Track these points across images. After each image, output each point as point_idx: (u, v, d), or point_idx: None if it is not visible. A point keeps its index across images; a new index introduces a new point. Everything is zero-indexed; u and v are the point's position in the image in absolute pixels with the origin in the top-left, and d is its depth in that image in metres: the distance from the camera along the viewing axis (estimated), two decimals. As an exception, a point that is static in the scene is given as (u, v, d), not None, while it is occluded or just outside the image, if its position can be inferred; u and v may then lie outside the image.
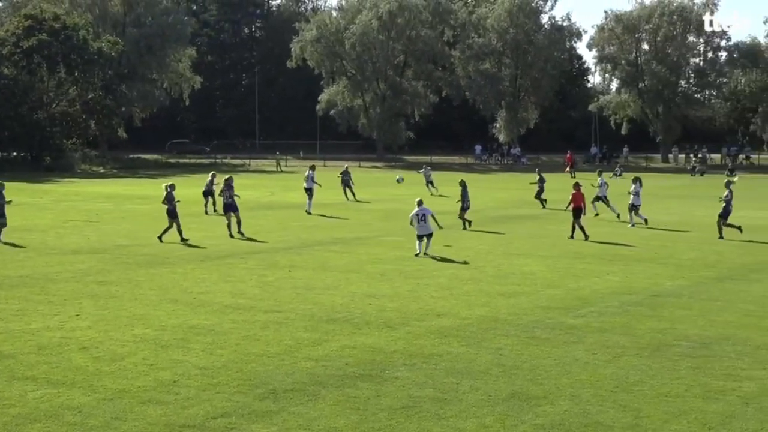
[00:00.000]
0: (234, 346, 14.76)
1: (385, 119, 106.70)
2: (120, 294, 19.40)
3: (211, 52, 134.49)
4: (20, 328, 16.04)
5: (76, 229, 31.99)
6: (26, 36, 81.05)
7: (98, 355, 14.19)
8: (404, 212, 38.19)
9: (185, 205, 42.52)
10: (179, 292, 19.71)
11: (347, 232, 31.95)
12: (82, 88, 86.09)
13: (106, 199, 47.67)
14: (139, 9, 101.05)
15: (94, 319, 16.81)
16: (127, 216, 37.87)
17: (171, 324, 16.43)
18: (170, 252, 26.24)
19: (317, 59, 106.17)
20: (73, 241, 28.58)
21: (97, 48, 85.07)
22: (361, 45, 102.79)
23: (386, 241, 29.52)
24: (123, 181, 66.43)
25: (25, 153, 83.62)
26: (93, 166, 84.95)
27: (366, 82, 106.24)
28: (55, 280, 21.09)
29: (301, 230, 32.42)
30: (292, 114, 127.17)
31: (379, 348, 14.73)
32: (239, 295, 19.28)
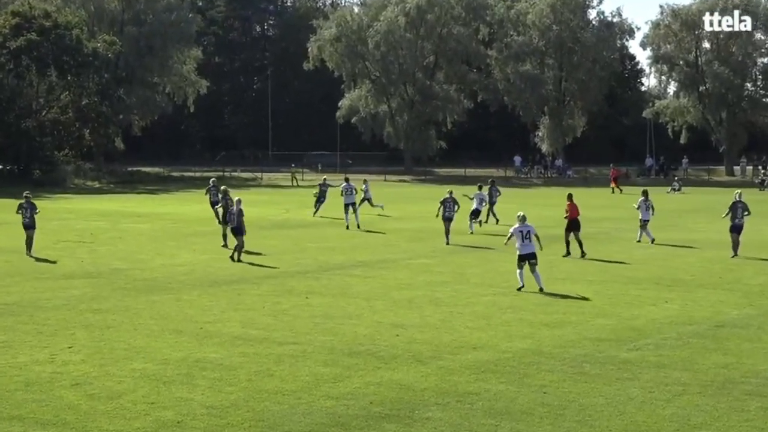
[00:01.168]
0: (245, 383, 14.75)
1: (414, 127, 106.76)
2: (117, 324, 19.45)
3: (219, 52, 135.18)
4: (6, 361, 16.10)
5: (68, 251, 32.14)
6: (13, 35, 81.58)
7: (93, 393, 14.21)
8: (434, 231, 38.19)
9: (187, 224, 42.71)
10: (183, 321, 19.73)
11: (370, 254, 31.93)
12: (76, 94, 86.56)
13: (102, 216, 47.88)
14: (139, 5, 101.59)
15: (89, 352, 16.84)
16: (125, 236, 38.00)
17: (174, 357, 16.44)
18: (173, 276, 26.31)
19: (337, 60, 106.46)
20: (64, 264, 28.70)
21: (92, 49, 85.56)
22: (386, 44, 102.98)
23: (414, 264, 29.47)
24: (120, 197, 66.72)
25: (11, 165, 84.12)
26: (87, 180, 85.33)
27: (392, 85, 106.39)
28: (45, 308, 21.17)
29: (319, 252, 32.43)
30: (309, 122, 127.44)
31: (407, 385, 14.68)
32: (250, 325, 19.28)
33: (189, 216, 47.02)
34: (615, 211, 49.99)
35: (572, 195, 33.16)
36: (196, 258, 30.18)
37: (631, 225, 39.22)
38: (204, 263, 29.11)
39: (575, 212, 32.02)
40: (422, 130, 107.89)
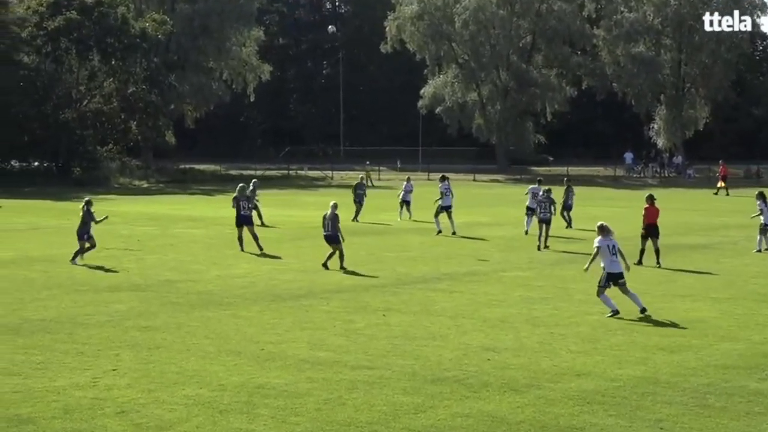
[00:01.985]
0: (313, 413, 14.81)
1: (508, 118, 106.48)
2: (167, 343, 19.64)
3: (284, 33, 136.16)
4: (43, 385, 16.34)
5: (112, 260, 32.51)
6: (51, 14, 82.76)
7: (140, 422, 14.36)
8: (531, 239, 38.05)
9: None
10: (242, 341, 19.87)
11: (457, 266, 31.88)
12: (121, 81, 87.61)
13: (150, 221, 48.40)
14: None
15: (135, 376, 17.03)
16: (177, 243, 38.37)
17: (232, 383, 16.56)
18: (230, 290, 26.50)
19: (419, 42, 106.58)
20: (108, 275, 29.04)
21: (140, 29, 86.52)
22: (475, 23, 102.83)
23: (508, 277, 29.37)
24: (171, 199, 67.39)
25: (49, 162, 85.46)
26: (134, 179, 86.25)
27: (482, 70, 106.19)
28: (86, 325, 21.45)
29: (399, 263, 32.45)
30: (386, 112, 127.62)
31: (500, 417, 14.63)
32: (319, 347, 19.35)
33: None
34: (740, 217, 49.33)
35: (653, 196, 33.45)
36: (257, 269, 30.37)
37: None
38: (266, 275, 29.27)
39: (654, 216, 32.31)
40: (517, 121, 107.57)
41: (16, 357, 18.33)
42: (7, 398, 15.51)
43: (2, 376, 16.88)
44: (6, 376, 16.92)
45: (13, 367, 17.52)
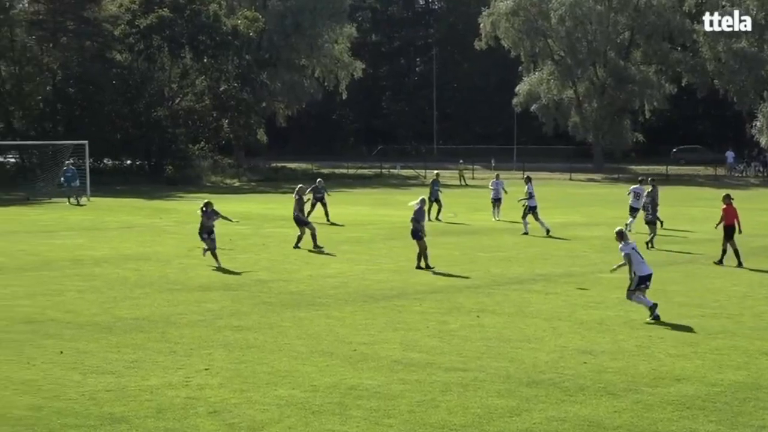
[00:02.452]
0: (405, 415, 14.83)
1: (605, 116, 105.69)
2: (260, 343, 19.80)
3: (376, 30, 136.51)
4: (135, 384, 16.57)
5: (204, 259, 32.81)
6: (143, 12, 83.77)
7: (232, 422, 14.50)
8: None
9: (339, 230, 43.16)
10: (335, 342, 19.96)
11: (553, 266, 31.74)
12: (213, 78, 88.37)
13: (242, 220, 48.72)
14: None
15: (228, 375, 17.20)
16: (269, 242, 38.65)
17: (324, 384, 16.65)
18: (322, 290, 26.64)
19: (514, 38, 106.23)
20: (200, 275, 29.33)
21: (232, 27, 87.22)
22: (572, 18, 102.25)
23: (605, 278, 29.14)
24: (263, 197, 67.83)
25: (141, 161, 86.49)
26: (225, 177, 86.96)
27: (579, 67, 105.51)
28: (179, 324, 21.71)
29: (493, 263, 32.39)
30: (481, 110, 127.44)
31: (597, 421, 14.55)
32: (412, 348, 19.38)
33: (341, 220, 47.51)
34: None
35: (730, 196, 32.95)
36: (350, 269, 30.49)
37: None
38: (358, 275, 29.37)
39: (732, 217, 31.88)
40: (615, 119, 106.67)
41: (109, 355, 18.61)
42: (100, 396, 15.75)
43: (96, 375, 17.15)
44: (100, 374, 17.19)
45: (106, 366, 17.80)
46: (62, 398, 15.67)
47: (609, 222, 46.96)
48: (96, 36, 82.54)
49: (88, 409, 15.10)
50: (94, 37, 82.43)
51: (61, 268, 30.84)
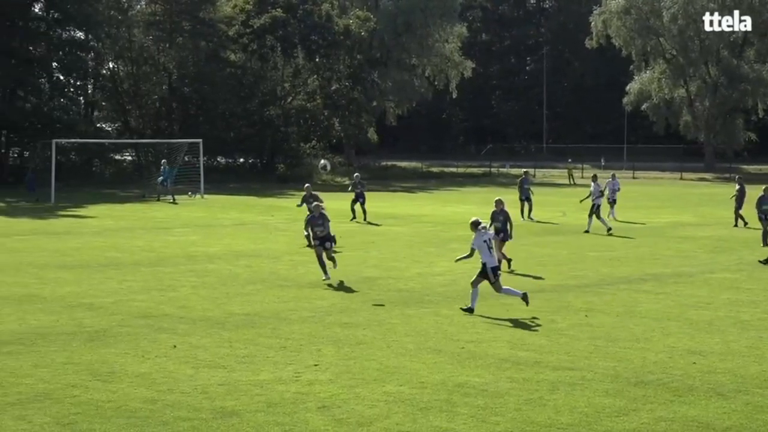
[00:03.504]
0: (513, 413, 14.79)
1: (717, 116, 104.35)
2: (368, 340, 19.88)
3: (487, 29, 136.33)
4: (247, 379, 16.74)
5: (314, 257, 32.96)
6: (257, 13, 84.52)
7: (341, 417, 14.57)
8: (740, 240, 37.22)
9: (448, 228, 43.13)
10: (443, 339, 19.97)
11: (662, 267, 31.41)
12: (324, 78, 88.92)
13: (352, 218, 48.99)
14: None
15: (337, 371, 17.29)
16: (378, 240, 38.77)
17: (432, 381, 16.66)
18: (431, 288, 26.68)
19: (625, 37, 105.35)
20: (310, 271, 29.49)
21: (344, 26, 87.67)
22: (684, 17, 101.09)
23: (715, 279, 28.81)
24: (372, 196, 67.95)
25: (253, 159, 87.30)
26: (336, 175, 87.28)
27: (691, 66, 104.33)
28: (289, 320, 21.88)
29: (602, 263, 32.16)
30: (591, 109, 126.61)
31: (706, 422, 14.37)
32: (520, 346, 19.32)
33: (450, 218, 47.51)
34: None
35: None
36: (458, 267, 30.46)
37: None
38: (467, 273, 29.29)
39: None
40: (727, 118, 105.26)
41: (221, 350, 18.82)
42: (212, 390, 15.94)
43: (208, 369, 17.36)
44: (212, 368, 17.40)
45: (218, 360, 18.00)
46: (175, 391, 15.89)
47: (720, 222, 46.47)
48: (211, 36, 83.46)
49: (201, 402, 15.30)
50: (209, 38, 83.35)
51: (175, 264, 31.28)
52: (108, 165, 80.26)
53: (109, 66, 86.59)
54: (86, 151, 76.78)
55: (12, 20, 73.28)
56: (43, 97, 76.83)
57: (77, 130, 74.53)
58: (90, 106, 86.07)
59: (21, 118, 74.35)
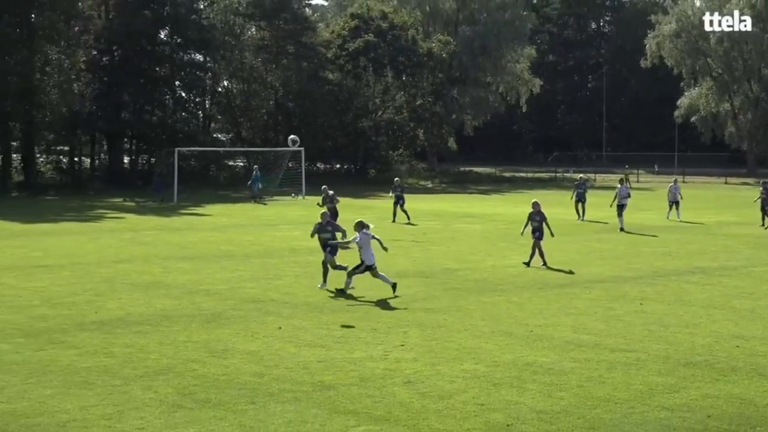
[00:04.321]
0: (576, 389, 14.69)
1: (759, 126, 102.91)
2: (448, 323, 19.86)
3: (553, 50, 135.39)
4: (342, 356, 16.81)
5: (401, 250, 33.02)
6: (352, 37, 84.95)
7: (424, 391, 14.57)
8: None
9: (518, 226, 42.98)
10: (513, 323, 19.90)
11: (709, 261, 30.99)
12: (410, 94, 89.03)
13: (434, 216, 48.98)
14: (474, 5, 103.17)
15: (421, 351, 17.30)
16: (457, 236, 38.72)
17: (504, 360, 16.61)
18: (503, 278, 26.59)
19: (676, 57, 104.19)
20: (398, 263, 29.51)
21: (427, 49, 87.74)
22: (729, 40, 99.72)
23: (757, 272, 28.37)
24: (452, 197, 68.00)
25: (348, 165, 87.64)
26: (420, 180, 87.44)
27: (735, 83, 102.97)
28: (379, 306, 21.93)
29: (655, 257, 31.80)
30: (645, 122, 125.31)
31: (748, 399, 14.16)
32: (582, 330, 19.19)
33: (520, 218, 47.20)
34: None
35: None
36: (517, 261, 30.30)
37: None
38: (533, 266, 29.17)
39: None
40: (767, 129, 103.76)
41: (320, 331, 18.91)
42: (312, 366, 16.03)
43: (309, 348, 17.45)
44: (312, 347, 17.48)
45: (318, 340, 18.09)
46: (280, 367, 15.99)
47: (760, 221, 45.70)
48: (312, 58, 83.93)
49: (302, 376, 15.38)
50: (310, 59, 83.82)
51: (280, 256, 31.48)
52: (222, 170, 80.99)
53: (224, 84, 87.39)
54: (204, 158, 77.54)
55: (141, 45, 74.25)
56: (168, 112, 77.75)
57: (197, 140, 75.34)
58: (207, 119, 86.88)
59: (149, 130, 75.37)
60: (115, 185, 69.27)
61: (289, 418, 13.19)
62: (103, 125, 73.74)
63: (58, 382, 14.95)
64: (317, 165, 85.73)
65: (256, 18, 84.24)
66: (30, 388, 14.59)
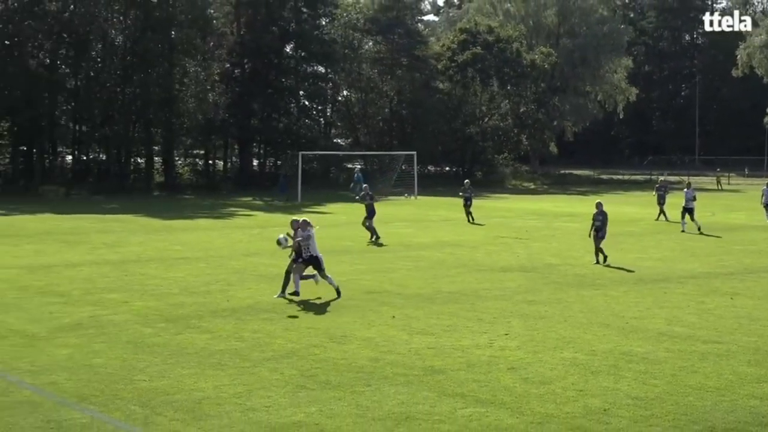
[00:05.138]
0: (669, 377, 14.47)
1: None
2: (549, 315, 19.72)
3: (648, 61, 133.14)
4: (450, 344, 16.81)
5: (505, 246, 32.94)
6: (461, 50, 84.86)
7: (527, 377, 14.51)
8: None
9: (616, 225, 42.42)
10: (610, 315, 19.67)
11: (798, 259, 30.21)
12: (514, 102, 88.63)
13: (536, 215, 48.66)
14: (574, 19, 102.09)
15: (523, 340, 17.21)
16: (557, 234, 38.39)
17: (601, 349, 16.44)
18: (601, 274, 26.29)
19: (766, 67, 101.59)
20: (502, 259, 29.44)
21: (530, 60, 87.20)
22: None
23: None
24: (553, 198, 67.43)
25: (457, 168, 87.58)
26: (523, 181, 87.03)
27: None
28: (485, 298, 21.88)
29: (745, 255, 31.11)
30: (736, 128, 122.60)
31: (835, 390, 13.78)
32: (675, 323, 18.88)
33: (617, 217, 46.66)
34: None
35: None
36: (624, 257, 29.93)
37: None
38: (630, 262, 28.80)
39: None
40: None
41: (430, 320, 18.94)
42: (423, 352, 16.07)
43: (420, 335, 17.50)
44: (423, 335, 17.53)
45: (428, 328, 18.13)
46: (394, 353, 16.06)
47: None
48: (423, 69, 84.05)
49: (414, 361, 15.43)
50: (422, 70, 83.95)
51: (394, 251, 31.58)
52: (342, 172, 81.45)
53: (343, 93, 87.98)
54: (325, 161, 78.17)
55: (269, 59, 75.12)
56: (292, 119, 78.49)
57: (318, 144, 76.02)
58: (328, 126, 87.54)
59: (275, 135, 76.19)
60: (244, 186, 70.23)
61: (401, 399, 13.25)
62: (234, 131, 74.85)
63: (194, 363, 15.25)
64: (428, 167, 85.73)
65: (373, 33, 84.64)
66: (169, 368, 14.91)
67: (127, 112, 67.72)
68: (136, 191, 64.44)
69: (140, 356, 15.65)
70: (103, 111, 67.16)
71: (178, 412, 12.58)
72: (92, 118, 67.77)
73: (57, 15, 63.82)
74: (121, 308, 19.96)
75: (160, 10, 66.61)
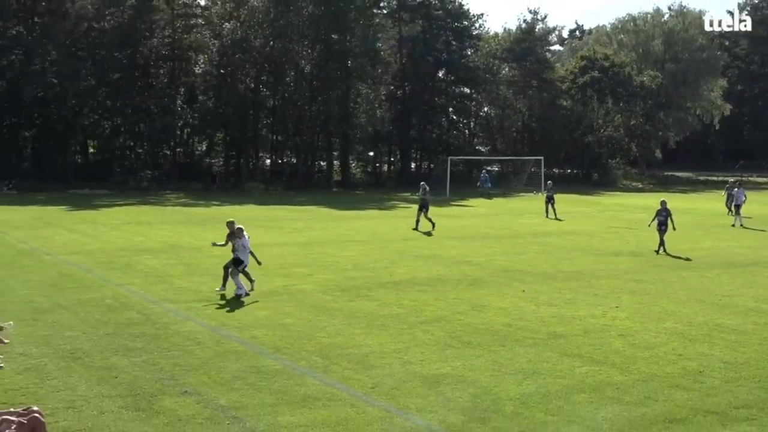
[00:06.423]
0: (756, 346, 13.91)
1: None
2: (653, 291, 19.19)
3: (741, 81, 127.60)
4: (570, 314, 16.56)
5: (616, 235, 32.20)
6: (581, 74, 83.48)
7: (634, 342, 14.18)
8: None
9: (711, 218, 40.88)
10: (706, 293, 19.01)
11: None
12: (626, 116, 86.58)
13: (643, 210, 47.28)
14: (677, 47, 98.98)
15: (631, 311, 16.81)
16: (661, 225, 37.18)
17: (697, 321, 15.92)
18: (699, 258, 25.39)
19: None
20: (613, 245, 28.79)
21: (640, 82, 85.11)
22: None
23: None
24: (657, 195, 65.33)
25: (577, 170, 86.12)
26: (632, 181, 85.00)
27: None
28: (599, 277, 21.44)
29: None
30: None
31: None
32: (762, 300, 18.10)
33: (711, 212, 45.07)
34: None
35: None
36: (718, 245, 28.86)
37: None
38: (723, 249, 27.74)
39: None
40: None
41: (554, 294, 18.69)
42: (547, 320, 15.89)
43: (545, 306, 17.29)
44: (547, 306, 17.32)
45: (552, 301, 17.90)
46: (523, 320, 15.93)
47: None
48: (550, 90, 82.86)
49: (540, 327, 15.27)
50: (549, 91, 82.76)
51: (524, 237, 31.24)
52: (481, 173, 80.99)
53: (484, 110, 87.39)
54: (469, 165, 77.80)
55: (425, 82, 75.29)
56: (443, 130, 78.43)
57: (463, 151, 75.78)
58: (472, 136, 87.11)
59: (429, 144, 76.40)
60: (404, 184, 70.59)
61: (529, 358, 13.14)
62: (397, 140, 75.41)
63: (363, 324, 15.46)
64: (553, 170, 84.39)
65: (509, 60, 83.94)
66: (344, 328, 15.15)
67: (313, 125, 68.97)
68: (319, 188, 65.57)
69: (321, 318, 15.96)
70: (294, 124, 68.60)
71: (350, 363, 12.78)
72: (286, 130, 69.38)
73: (260, 49, 65.72)
74: (306, 279, 20.39)
75: (339, 44, 67.67)
